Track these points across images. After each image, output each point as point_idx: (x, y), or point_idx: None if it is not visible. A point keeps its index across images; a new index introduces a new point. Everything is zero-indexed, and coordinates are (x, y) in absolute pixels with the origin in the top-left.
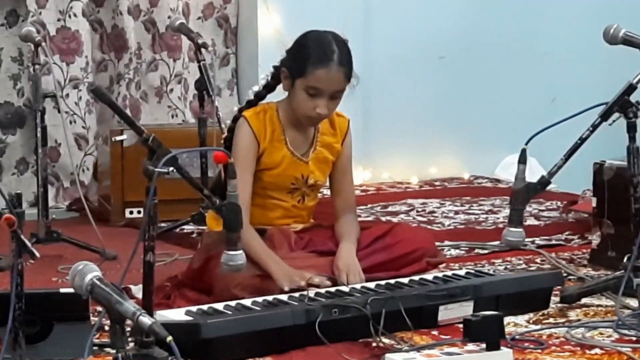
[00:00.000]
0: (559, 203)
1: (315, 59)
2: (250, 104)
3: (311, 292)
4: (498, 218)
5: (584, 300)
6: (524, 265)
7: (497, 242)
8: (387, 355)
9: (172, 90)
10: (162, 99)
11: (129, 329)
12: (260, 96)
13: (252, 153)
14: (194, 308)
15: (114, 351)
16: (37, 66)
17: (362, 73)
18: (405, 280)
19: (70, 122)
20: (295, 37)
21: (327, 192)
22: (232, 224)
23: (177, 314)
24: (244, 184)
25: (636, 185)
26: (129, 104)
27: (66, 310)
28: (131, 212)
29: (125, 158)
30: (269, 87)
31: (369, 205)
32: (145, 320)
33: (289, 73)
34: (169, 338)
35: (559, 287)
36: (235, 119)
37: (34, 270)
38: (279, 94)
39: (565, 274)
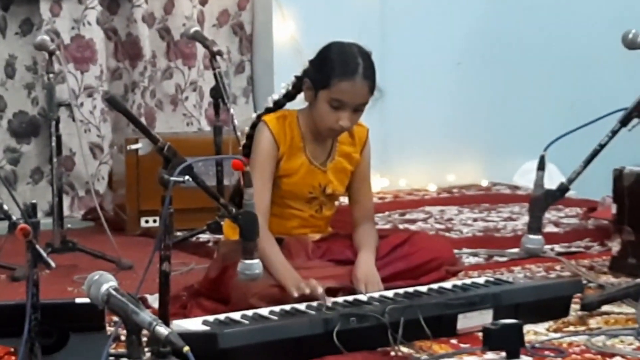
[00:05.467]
0: (578, 210)
1: (340, 72)
2: (269, 111)
3: (329, 301)
4: (517, 225)
5: (604, 308)
6: (543, 273)
7: (516, 250)
8: None
9: (187, 98)
10: (177, 107)
11: (145, 339)
12: (279, 104)
13: (272, 157)
14: (210, 318)
15: None
16: (51, 75)
17: (379, 80)
18: (423, 288)
19: (85, 131)
20: (310, 45)
21: (345, 200)
22: (248, 233)
23: (194, 324)
24: (264, 189)
25: None
26: (143, 112)
27: (82, 320)
28: (147, 221)
29: (140, 167)
30: (289, 96)
31: (387, 213)
32: (162, 330)
33: (312, 84)
34: (186, 348)
35: (579, 294)
36: (253, 126)
37: (49, 280)
38: (298, 103)
39: (585, 282)
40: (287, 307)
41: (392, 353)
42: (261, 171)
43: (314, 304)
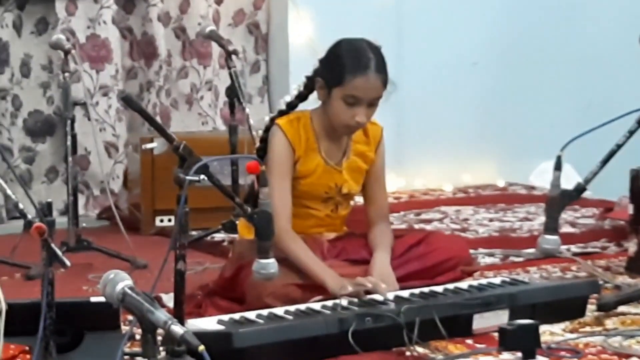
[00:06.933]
0: (595, 210)
1: (353, 68)
2: (282, 114)
3: (344, 301)
4: (533, 225)
5: (620, 309)
6: (559, 273)
7: (532, 250)
8: None
9: (202, 97)
10: (192, 106)
11: (160, 338)
12: (292, 106)
13: (289, 159)
14: (225, 317)
15: None
16: (66, 74)
17: (395, 80)
18: (439, 288)
19: (100, 130)
20: (326, 44)
21: (360, 200)
22: (263, 232)
23: (209, 323)
24: (284, 192)
25: None
26: (159, 112)
27: (97, 319)
28: (162, 221)
29: (155, 166)
30: (302, 97)
31: (402, 213)
32: (177, 329)
33: (325, 83)
34: (201, 347)
35: (595, 295)
36: (267, 129)
37: (64, 279)
38: (310, 102)
39: (601, 282)
40: (303, 306)
41: (408, 353)
42: (279, 174)
43: (329, 303)
